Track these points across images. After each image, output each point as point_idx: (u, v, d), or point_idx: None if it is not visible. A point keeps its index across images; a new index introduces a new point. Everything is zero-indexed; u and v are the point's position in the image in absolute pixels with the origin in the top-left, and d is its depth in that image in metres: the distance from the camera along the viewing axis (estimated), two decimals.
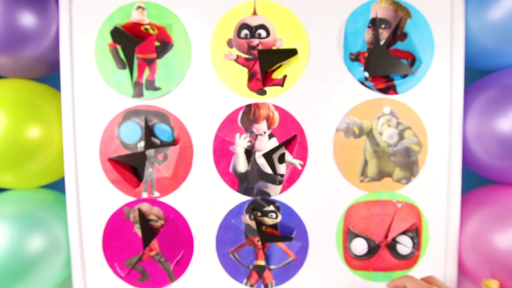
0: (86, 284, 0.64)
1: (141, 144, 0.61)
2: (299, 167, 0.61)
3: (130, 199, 0.62)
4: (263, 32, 0.60)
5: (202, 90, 0.61)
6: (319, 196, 0.61)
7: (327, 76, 0.60)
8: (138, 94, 0.61)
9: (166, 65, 0.60)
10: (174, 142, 0.62)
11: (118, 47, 0.60)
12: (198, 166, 0.61)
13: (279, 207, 0.61)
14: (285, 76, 0.60)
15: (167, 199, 0.62)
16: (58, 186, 0.67)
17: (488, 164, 0.59)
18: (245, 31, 0.60)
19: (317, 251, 0.62)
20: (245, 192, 0.61)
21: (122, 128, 0.61)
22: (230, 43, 0.60)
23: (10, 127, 0.56)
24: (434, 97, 0.60)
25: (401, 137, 0.60)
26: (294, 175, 0.61)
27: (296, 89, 0.60)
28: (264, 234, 0.61)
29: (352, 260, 0.62)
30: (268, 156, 0.61)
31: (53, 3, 0.60)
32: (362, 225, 0.61)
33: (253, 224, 0.61)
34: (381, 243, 0.61)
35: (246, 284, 0.62)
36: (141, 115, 0.61)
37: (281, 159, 0.61)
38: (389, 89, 0.60)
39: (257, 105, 0.60)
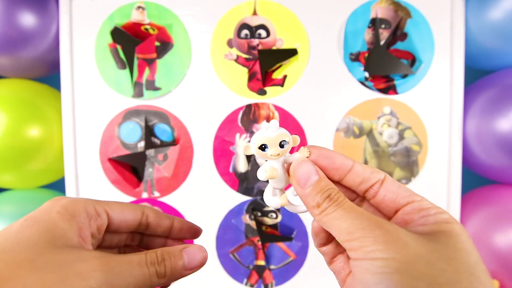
0: None
1: (141, 144, 0.61)
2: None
3: (130, 199, 0.62)
4: (263, 32, 0.60)
5: (202, 90, 0.61)
6: None
7: (327, 76, 0.60)
8: (138, 94, 0.61)
9: (166, 65, 0.60)
10: (174, 142, 0.62)
11: (118, 47, 0.60)
12: (198, 166, 0.61)
13: None
14: (285, 76, 0.60)
15: (167, 199, 0.62)
16: (58, 186, 0.67)
17: (488, 164, 0.59)
18: (245, 31, 0.60)
19: (317, 251, 0.62)
20: (245, 192, 0.61)
21: (122, 128, 0.61)
22: (230, 43, 0.60)
23: (10, 127, 0.56)
24: (434, 97, 0.60)
25: (401, 137, 0.60)
26: None
27: (296, 89, 0.60)
28: (264, 234, 0.61)
29: None
30: None
31: (53, 3, 0.60)
32: None
33: (253, 224, 0.61)
34: None
35: (246, 284, 0.62)
36: (141, 115, 0.61)
37: None
38: (389, 89, 0.60)
39: (257, 105, 0.60)
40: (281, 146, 0.22)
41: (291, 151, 0.23)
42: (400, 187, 0.21)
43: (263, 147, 0.22)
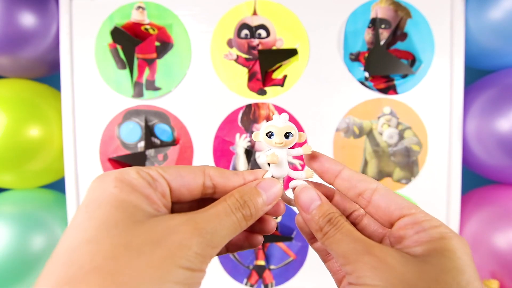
0: None
1: (141, 144, 0.61)
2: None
3: None
4: (263, 32, 0.60)
5: (202, 90, 0.61)
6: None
7: (327, 76, 0.60)
8: (138, 94, 0.61)
9: (166, 65, 0.60)
10: (174, 142, 0.62)
11: (118, 47, 0.60)
12: None
13: None
14: (285, 76, 0.60)
15: None
16: (58, 186, 0.67)
17: (488, 164, 0.59)
18: (245, 31, 0.60)
19: None
20: None
21: (122, 128, 0.61)
22: (230, 43, 0.60)
23: (10, 127, 0.56)
24: (434, 97, 0.60)
25: (401, 137, 0.60)
26: None
27: (296, 89, 0.60)
28: None
29: None
30: None
31: (53, 3, 0.60)
32: None
33: None
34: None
35: (246, 284, 0.62)
36: (141, 115, 0.61)
37: None
38: (389, 89, 0.60)
39: (257, 105, 0.60)
40: (286, 137, 0.23)
41: (295, 147, 0.24)
42: (393, 199, 0.21)
43: (269, 135, 0.23)
